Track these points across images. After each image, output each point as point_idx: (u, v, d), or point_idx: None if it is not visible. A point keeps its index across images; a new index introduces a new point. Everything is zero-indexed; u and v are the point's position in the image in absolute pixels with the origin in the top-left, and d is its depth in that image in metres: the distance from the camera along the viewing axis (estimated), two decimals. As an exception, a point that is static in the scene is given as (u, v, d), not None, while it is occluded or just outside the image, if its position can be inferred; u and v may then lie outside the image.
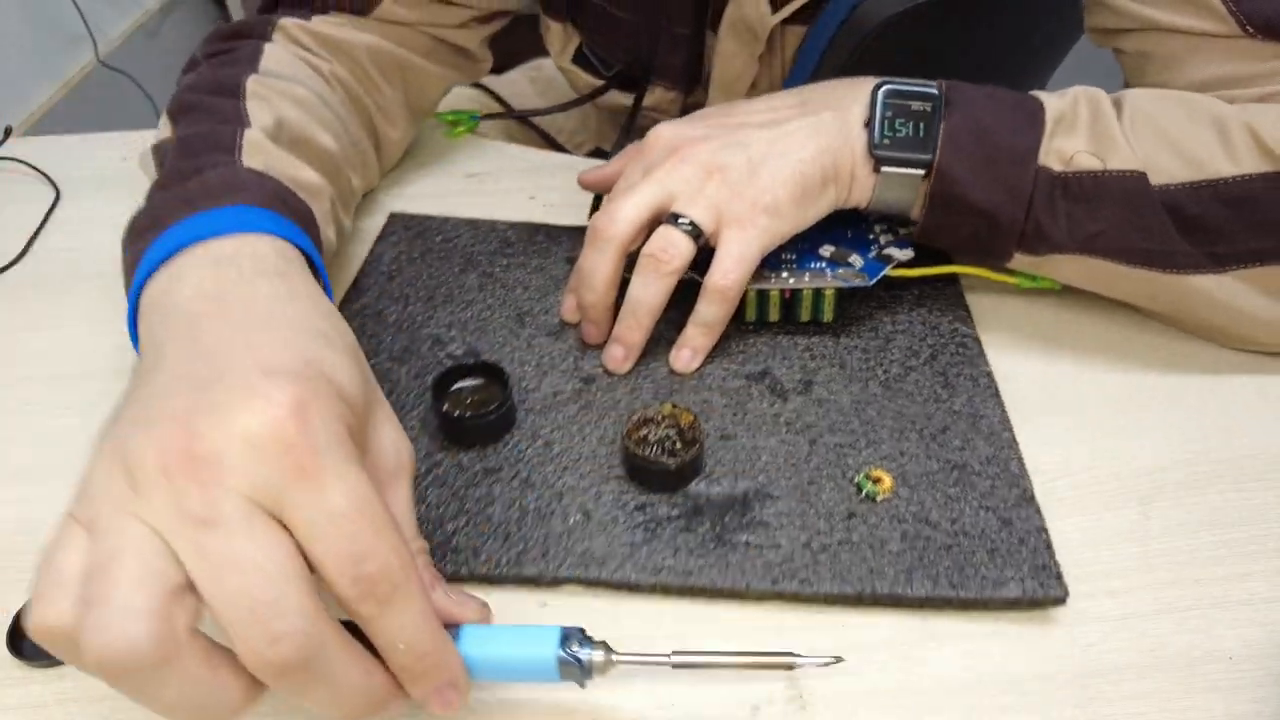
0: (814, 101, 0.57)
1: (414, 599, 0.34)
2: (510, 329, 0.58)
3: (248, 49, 0.63)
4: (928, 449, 0.50)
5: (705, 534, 0.46)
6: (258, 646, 0.30)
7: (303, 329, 0.38)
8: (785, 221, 0.53)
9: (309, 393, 0.34)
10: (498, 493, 0.49)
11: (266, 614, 0.30)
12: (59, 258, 0.70)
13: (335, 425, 0.34)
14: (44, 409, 0.56)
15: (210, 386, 0.34)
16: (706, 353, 0.56)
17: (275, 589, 0.31)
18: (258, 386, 0.33)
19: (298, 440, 0.32)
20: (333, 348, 0.38)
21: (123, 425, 0.34)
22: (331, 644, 0.32)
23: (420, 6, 0.69)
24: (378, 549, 0.33)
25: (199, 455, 0.32)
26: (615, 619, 0.44)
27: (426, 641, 0.34)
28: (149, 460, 0.32)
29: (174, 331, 0.38)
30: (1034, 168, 0.51)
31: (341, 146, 0.62)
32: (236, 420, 0.32)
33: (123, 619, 0.30)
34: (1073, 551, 0.46)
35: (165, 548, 0.31)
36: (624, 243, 0.54)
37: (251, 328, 0.37)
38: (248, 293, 0.39)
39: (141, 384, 0.37)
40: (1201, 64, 0.56)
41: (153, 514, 0.31)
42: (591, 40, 0.77)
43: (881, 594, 0.44)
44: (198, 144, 0.51)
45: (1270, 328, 0.54)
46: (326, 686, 0.32)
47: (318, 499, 0.32)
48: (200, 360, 0.36)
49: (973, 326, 0.57)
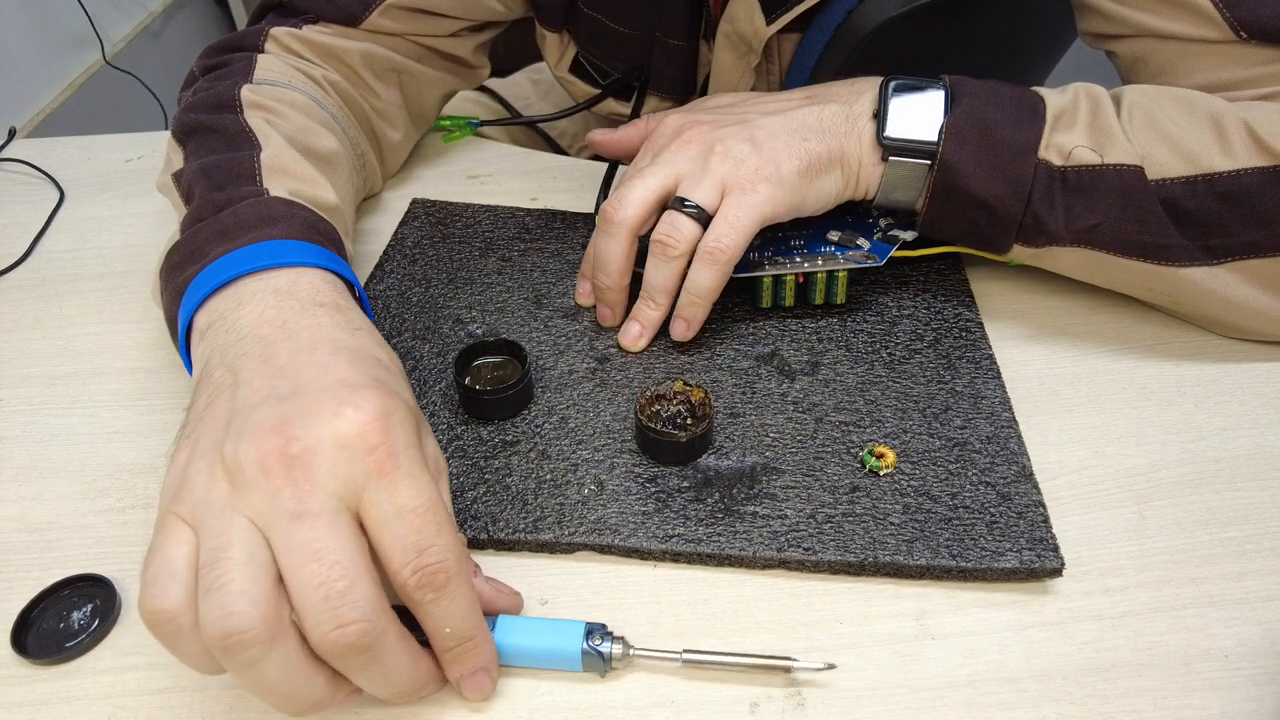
0: (821, 95, 0.59)
1: (464, 589, 0.38)
2: (528, 310, 0.60)
3: (241, 61, 0.64)
4: (930, 427, 0.52)
5: (714, 505, 0.48)
6: (327, 630, 0.35)
7: (365, 356, 0.42)
8: (788, 191, 0.54)
9: (390, 403, 0.39)
10: (516, 464, 0.50)
11: (338, 602, 0.34)
12: (63, 259, 0.70)
13: (411, 433, 0.39)
14: (47, 409, 0.57)
15: (294, 398, 0.38)
16: (700, 323, 0.56)
17: (348, 580, 0.35)
18: (346, 396, 0.38)
19: (381, 443, 0.37)
20: (391, 373, 0.43)
21: (214, 432, 0.38)
22: (390, 634, 0.36)
23: (409, 18, 0.70)
24: (438, 542, 0.37)
25: (294, 456, 0.36)
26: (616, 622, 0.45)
27: (471, 628, 0.39)
28: (250, 461, 0.36)
29: (245, 352, 0.42)
30: (1034, 161, 0.53)
31: (342, 145, 0.64)
32: (329, 425, 0.37)
33: (238, 602, 0.34)
34: (1070, 549, 0.47)
35: (264, 540, 0.36)
36: (634, 227, 0.56)
37: (319, 351, 0.41)
38: (311, 322, 0.43)
39: (220, 398, 0.40)
40: (1196, 69, 0.58)
41: (253, 510, 0.36)
42: (587, 50, 0.78)
43: (883, 562, 0.45)
44: (219, 174, 0.54)
45: (1264, 318, 0.55)
46: (380, 669, 0.37)
47: (391, 495, 0.37)
48: (279, 378, 0.40)
49: (976, 312, 0.59)
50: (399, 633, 0.37)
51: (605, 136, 0.65)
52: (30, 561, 0.48)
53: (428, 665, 0.39)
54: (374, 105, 0.71)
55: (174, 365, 0.59)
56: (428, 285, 0.63)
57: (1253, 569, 0.46)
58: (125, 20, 2.09)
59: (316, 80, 0.67)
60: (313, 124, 0.61)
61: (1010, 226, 0.54)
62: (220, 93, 0.60)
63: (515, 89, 1.04)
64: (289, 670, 0.35)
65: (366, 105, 0.70)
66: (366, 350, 0.43)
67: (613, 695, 0.42)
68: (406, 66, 0.71)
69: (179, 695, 0.42)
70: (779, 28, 0.67)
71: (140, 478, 0.52)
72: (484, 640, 0.40)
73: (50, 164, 0.80)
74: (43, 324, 0.64)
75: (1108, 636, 0.44)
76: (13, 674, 0.44)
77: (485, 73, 0.80)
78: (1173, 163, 0.52)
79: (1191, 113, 0.53)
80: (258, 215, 0.49)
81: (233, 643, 0.34)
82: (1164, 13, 0.58)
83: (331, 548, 0.35)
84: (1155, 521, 0.48)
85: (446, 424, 0.53)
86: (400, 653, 0.37)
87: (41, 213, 0.75)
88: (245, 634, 0.34)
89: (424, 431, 0.42)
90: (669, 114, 0.61)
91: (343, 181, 0.62)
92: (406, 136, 0.74)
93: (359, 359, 0.41)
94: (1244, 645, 0.43)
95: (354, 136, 0.68)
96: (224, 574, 0.34)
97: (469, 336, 0.58)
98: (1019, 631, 0.44)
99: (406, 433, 0.38)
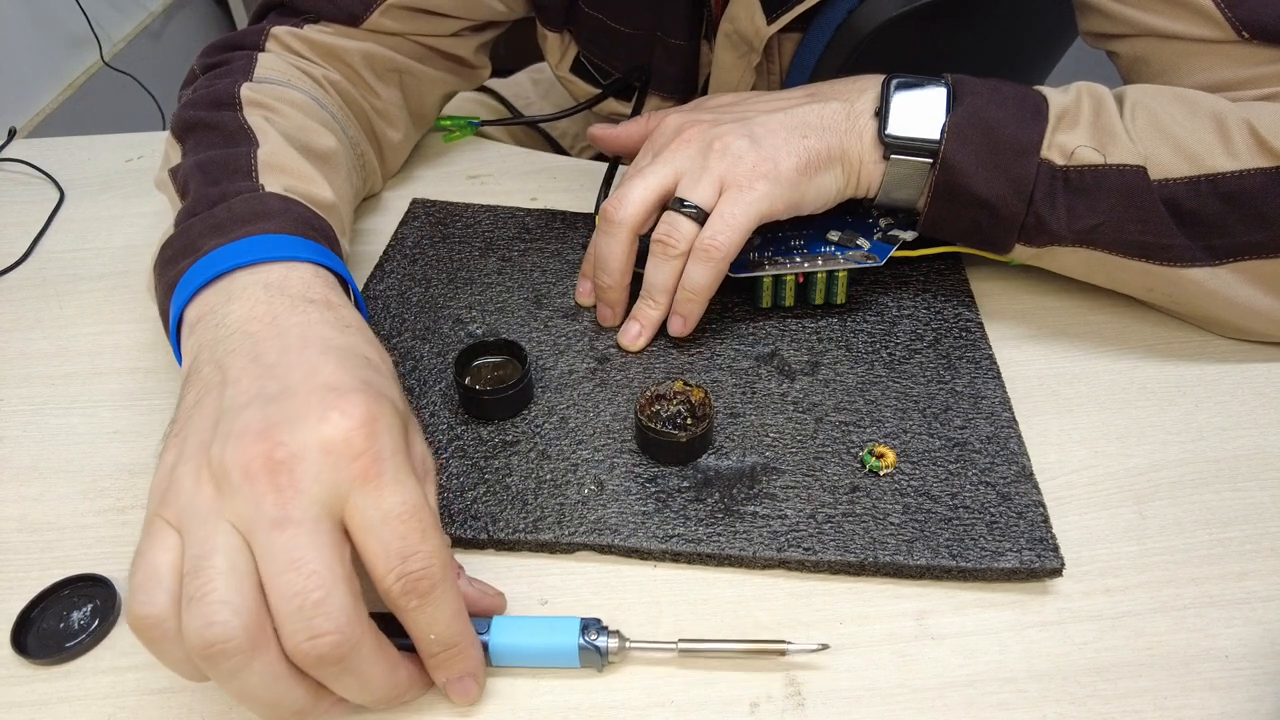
0: (822, 93, 0.59)
1: (449, 596, 0.38)
2: (528, 310, 0.60)
3: (242, 60, 0.64)
4: (930, 427, 0.52)
5: (714, 505, 0.48)
6: (300, 640, 0.34)
7: (354, 355, 0.42)
8: (786, 189, 0.54)
9: (377, 408, 0.38)
10: (516, 464, 0.50)
11: (312, 612, 0.34)
12: (63, 259, 0.70)
13: (397, 437, 0.39)
14: (47, 409, 0.57)
15: (282, 400, 0.38)
16: (697, 319, 0.56)
17: (323, 590, 0.35)
18: (332, 401, 0.38)
19: (365, 449, 0.37)
20: (380, 373, 0.42)
21: (201, 433, 0.38)
22: (365, 645, 0.36)
23: (410, 18, 0.69)
24: (422, 549, 0.37)
25: (279, 461, 0.36)
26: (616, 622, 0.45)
27: (455, 635, 0.39)
28: (235, 466, 0.36)
29: (234, 349, 0.42)
30: (1036, 161, 0.53)
31: (341, 145, 0.64)
32: (314, 431, 0.37)
33: (220, 612, 0.34)
34: (1070, 550, 0.46)
35: (248, 547, 0.35)
36: (634, 226, 0.56)
37: (309, 350, 0.41)
38: (301, 319, 0.43)
39: (208, 396, 0.40)
40: (1197, 69, 0.58)
41: (236, 516, 0.36)
42: (588, 50, 0.78)
43: (883, 562, 0.45)
44: (215, 170, 0.54)
45: (1265, 319, 0.55)
46: (355, 679, 0.36)
47: (376, 501, 0.37)
48: (267, 378, 0.39)
49: (976, 312, 0.59)
50: (375, 643, 0.37)
51: (606, 132, 0.65)
52: (30, 561, 0.48)
53: (408, 673, 0.39)
54: (374, 105, 0.71)
55: (174, 365, 0.59)
56: (428, 285, 0.62)
57: (1253, 569, 0.46)
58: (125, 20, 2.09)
59: (317, 80, 0.67)
60: (312, 123, 0.61)
61: (1012, 226, 0.54)
62: (219, 90, 0.60)
63: (516, 89, 1.04)
64: (271, 679, 0.35)
65: (367, 105, 0.70)
66: (356, 349, 0.42)
67: (612, 695, 0.42)
68: (407, 66, 0.71)
69: (179, 695, 0.42)
70: (779, 27, 0.67)
71: (140, 478, 0.52)
72: (469, 646, 0.39)
73: (50, 164, 0.80)
74: (43, 324, 0.64)
75: (1108, 636, 0.43)
76: (13, 674, 0.44)
77: (486, 73, 0.80)
78: (1175, 163, 0.52)
79: (1195, 113, 0.53)
80: (251, 210, 0.49)
81: (214, 652, 0.34)
82: (1166, 12, 0.57)
83: (310, 557, 0.35)
84: (1155, 521, 0.48)
85: (446, 424, 0.53)
86: (376, 663, 0.37)
87: (41, 213, 0.74)
88: (227, 644, 0.34)
89: (413, 432, 0.42)
90: (670, 113, 0.61)
91: (340, 180, 0.62)
92: (407, 136, 0.74)
93: (347, 359, 0.41)
94: (1244, 645, 0.43)
95: (354, 136, 0.68)
96: (207, 582, 0.34)
97: (469, 336, 0.58)
98: (1019, 631, 0.44)
99: (393, 437, 0.38)
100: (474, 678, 0.40)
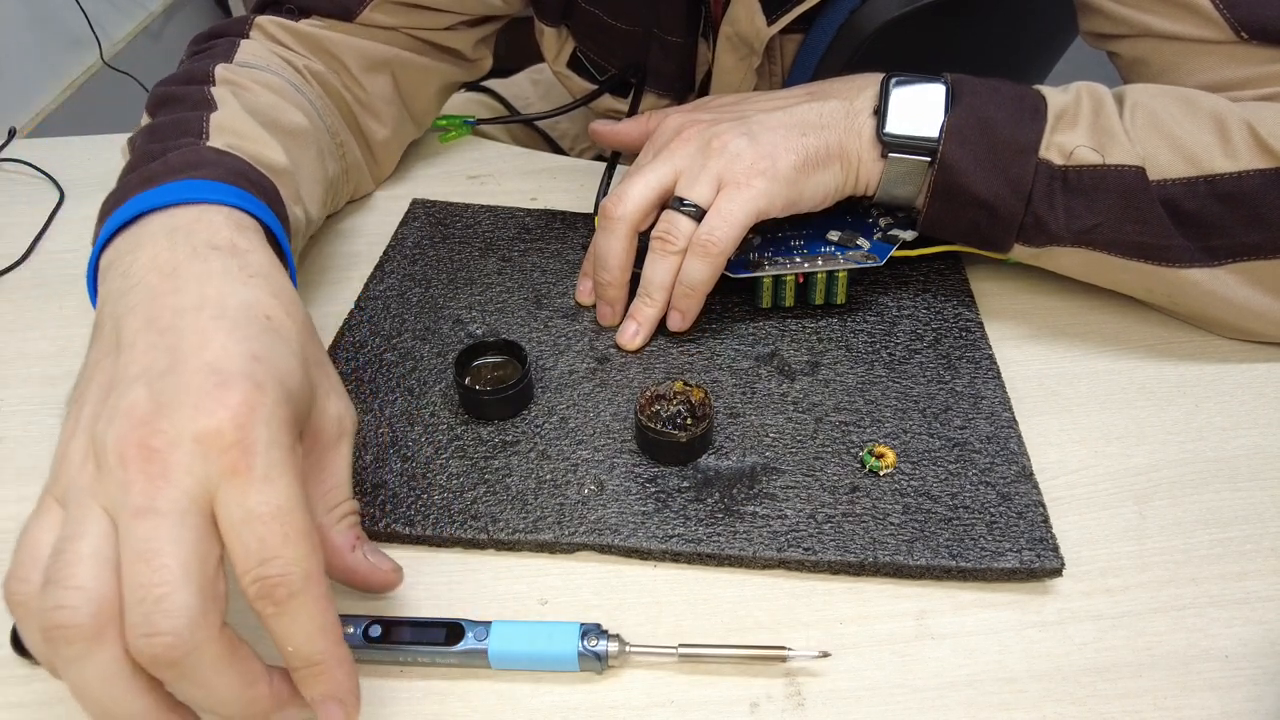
0: (822, 91, 0.59)
1: (309, 608, 0.35)
2: (528, 310, 0.60)
3: (224, 44, 0.64)
4: (930, 427, 0.52)
5: (714, 505, 0.48)
6: (136, 635, 0.32)
7: (253, 317, 0.39)
8: (783, 186, 0.54)
9: (257, 396, 0.36)
10: (515, 464, 0.50)
11: (152, 608, 0.32)
12: (63, 259, 0.70)
13: (277, 428, 0.36)
14: (47, 409, 0.57)
15: (168, 376, 0.36)
16: (695, 315, 0.57)
17: (168, 587, 0.32)
18: (211, 389, 0.36)
19: (235, 441, 0.35)
20: (279, 336, 0.40)
21: (94, 403, 0.37)
22: (207, 651, 0.33)
23: (404, 13, 0.69)
24: (283, 554, 0.34)
25: (154, 449, 0.34)
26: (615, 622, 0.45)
27: (316, 652, 0.35)
28: (111, 449, 0.35)
29: (134, 305, 0.40)
30: (1035, 161, 0.53)
31: (314, 126, 0.63)
32: (190, 419, 0.35)
33: (71, 596, 0.32)
34: (1070, 550, 0.46)
35: (115, 532, 0.34)
36: (633, 222, 0.56)
37: (203, 314, 0.39)
38: (201, 269, 0.41)
39: (105, 359, 0.39)
40: (1197, 70, 0.58)
41: (107, 500, 0.34)
42: (585, 45, 0.78)
43: (883, 562, 0.45)
44: (166, 130, 0.53)
45: (1264, 319, 0.55)
46: (196, 687, 0.34)
47: (241, 498, 0.34)
48: (159, 348, 0.38)
49: (976, 311, 0.59)
50: (223, 651, 0.34)
51: (607, 128, 0.65)
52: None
53: (266, 690, 0.35)
54: (358, 97, 0.70)
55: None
56: (428, 285, 0.62)
57: (1253, 569, 0.46)
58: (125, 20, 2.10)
59: (298, 68, 0.66)
60: (283, 103, 0.61)
61: (1011, 226, 0.54)
62: (195, 69, 0.60)
63: (516, 89, 1.04)
64: (109, 676, 0.33)
65: (349, 96, 0.69)
66: (255, 306, 0.40)
67: (612, 696, 0.42)
68: (401, 58, 0.71)
69: (178, 695, 0.42)
70: (780, 28, 0.67)
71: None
72: (334, 666, 0.36)
73: (50, 164, 0.80)
74: (43, 324, 0.64)
75: (1108, 636, 0.44)
76: (13, 674, 0.43)
77: (486, 64, 0.79)
78: (1174, 164, 0.52)
79: (1195, 113, 0.53)
80: (185, 160, 0.48)
81: (55, 635, 0.32)
82: (1165, 13, 0.58)
83: (164, 551, 0.33)
84: (1155, 521, 0.48)
85: (446, 424, 0.53)
86: (222, 673, 0.34)
87: (41, 213, 0.74)
88: (69, 629, 0.32)
89: (321, 392, 0.40)
90: (671, 112, 0.62)
91: (306, 157, 0.61)
92: (396, 133, 0.73)
93: (240, 325, 0.39)
94: (1244, 645, 0.43)
95: (331, 124, 0.67)
96: (65, 566, 0.33)
97: (469, 337, 0.58)
98: (1019, 631, 0.44)
99: (270, 429, 0.36)
100: (341, 704, 0.36)
